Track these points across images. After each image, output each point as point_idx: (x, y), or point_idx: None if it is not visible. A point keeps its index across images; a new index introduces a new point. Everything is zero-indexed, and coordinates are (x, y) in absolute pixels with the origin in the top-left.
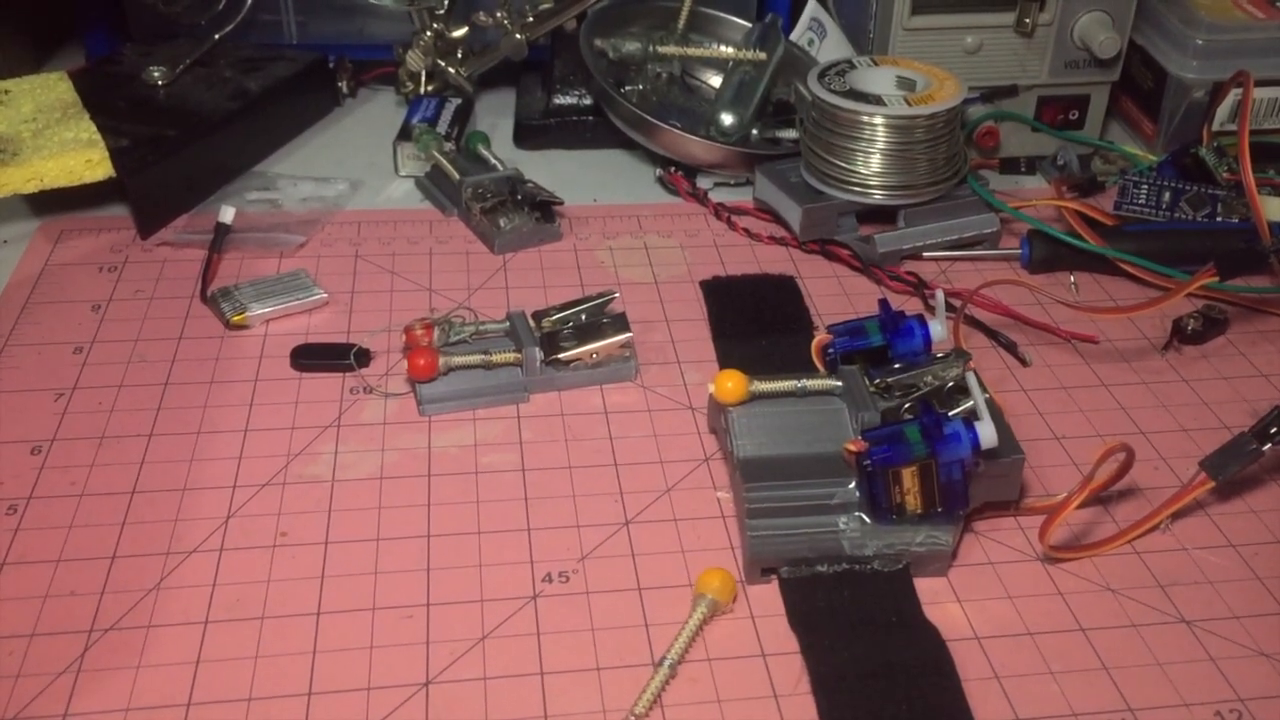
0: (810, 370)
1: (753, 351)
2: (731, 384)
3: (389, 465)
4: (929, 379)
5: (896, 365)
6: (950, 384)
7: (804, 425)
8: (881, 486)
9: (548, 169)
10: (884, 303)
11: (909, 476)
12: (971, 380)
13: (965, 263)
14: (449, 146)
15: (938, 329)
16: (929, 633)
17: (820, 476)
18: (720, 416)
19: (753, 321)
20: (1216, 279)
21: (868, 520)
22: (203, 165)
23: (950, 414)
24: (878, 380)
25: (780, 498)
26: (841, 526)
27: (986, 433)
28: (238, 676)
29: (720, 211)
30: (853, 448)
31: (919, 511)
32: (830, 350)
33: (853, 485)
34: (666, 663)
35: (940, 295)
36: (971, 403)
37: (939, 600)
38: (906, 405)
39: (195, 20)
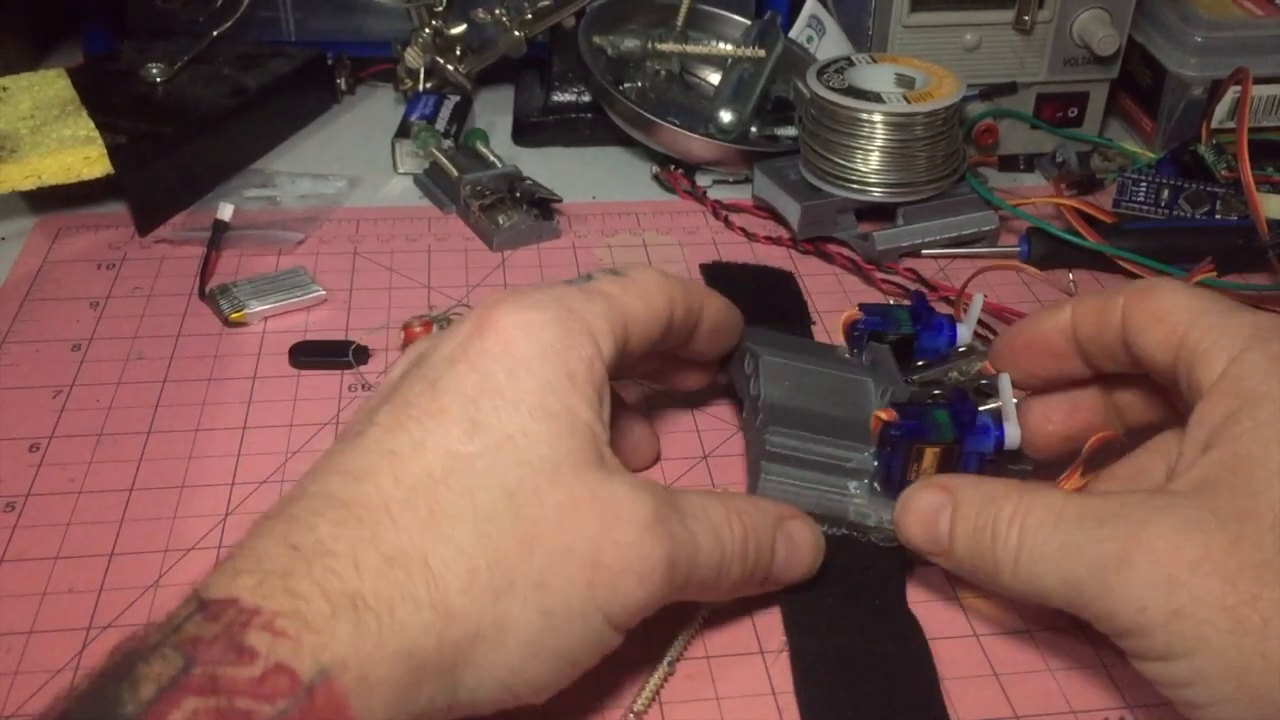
0: None
1: None
2: None
3: None
4: (953, 374)
5: (920, 363)
6: (981, 383)
7: (830, 387)
8: (901, 460)
9: (546, 166)
10: (919, 294)
11: (930, 456)
12: (1004, 382)
13: (964, 260)
14: (448, 144)
15: (964, 332)
16: (910, 621)
17: (840, 438)
18: (746, 362)
19: (752, 311)
20: (1212, 275)
21: (878, 489)
22: (201, 162)
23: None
24: (907, 379)
25: (799, 448)
26: (852, 490)
27: (1013, 434)
28: None
29: (718, 210)
30: (884, 415)
31: None
32: (858, 326)
33: (870, 453)
34: (666, 660)
35: (978, 299)
36: (997, 404)
37: (937, 597)
38: (937, 391)
39: (193, 17)
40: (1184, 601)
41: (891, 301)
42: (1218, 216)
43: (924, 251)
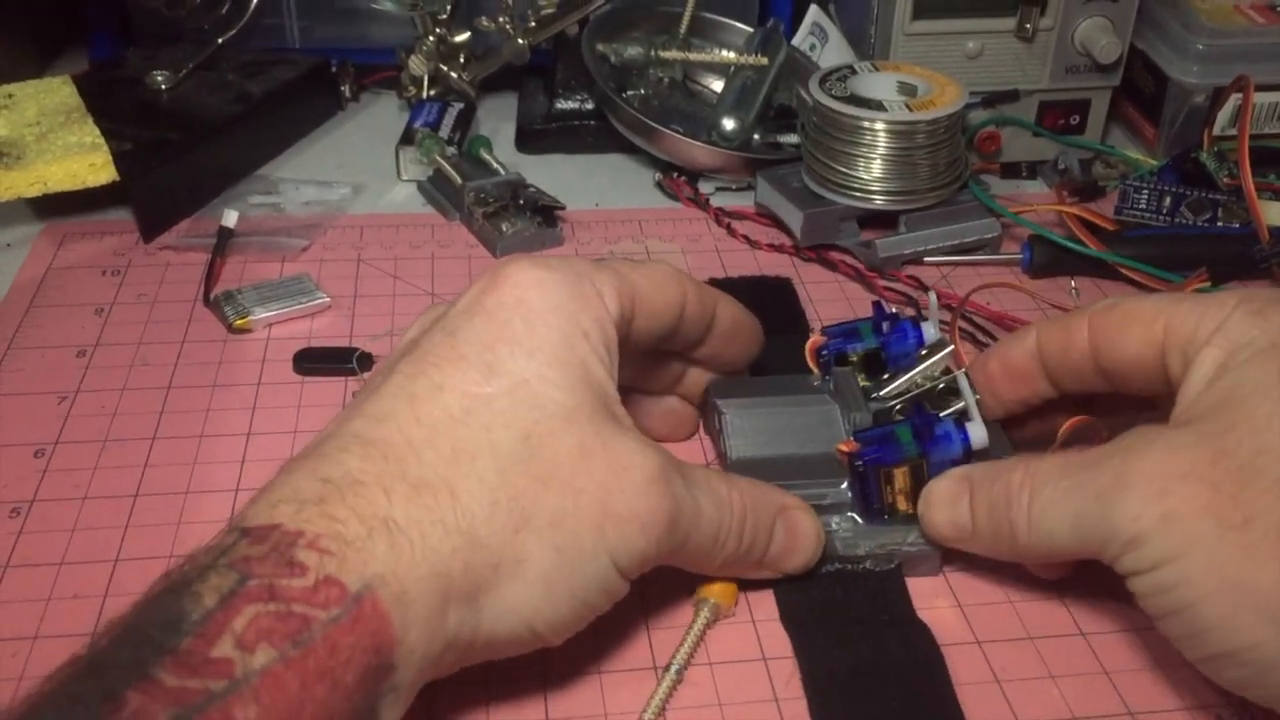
0: (804, 372)
1: None
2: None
3: None
4: (919, 380)
5: (886, 375)
6: (941, 385)
7: (797, 426)
8: (873, 487)
9: (549, 173)
10: (878, 304)
11: (900, 477)
12: (962, 381)
13: (966, 267)
14: (451, 151)
15: (930, 331)
16: (920, 630)
17: (813, 477)
18: (714, 418)
19: None
20: (1208, 284)
21: (860, 520)
22: (206, 169)
23: (941, 415)
24: (873, 397)
25: None
26: (834, 527)
27: (977, 434)
28: None
29: (721, 217)
30: (844, 448)
31: (910, 512)
32: (824, 352)
33: (845, 486)
34: (674, 667)
35: (932, 296)
36: (963, 404)
37: (939, 604)
38: (898, 406)
39: (199, 24)
40: (1173, 505)
41: (893, 309)
42: (1220, 224)
43: (926, 259)
